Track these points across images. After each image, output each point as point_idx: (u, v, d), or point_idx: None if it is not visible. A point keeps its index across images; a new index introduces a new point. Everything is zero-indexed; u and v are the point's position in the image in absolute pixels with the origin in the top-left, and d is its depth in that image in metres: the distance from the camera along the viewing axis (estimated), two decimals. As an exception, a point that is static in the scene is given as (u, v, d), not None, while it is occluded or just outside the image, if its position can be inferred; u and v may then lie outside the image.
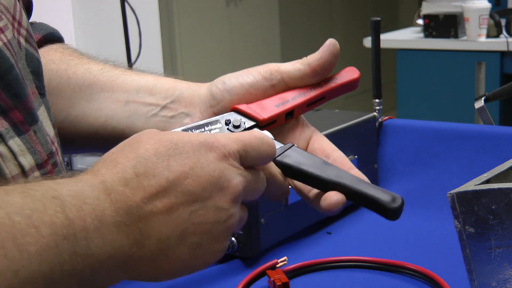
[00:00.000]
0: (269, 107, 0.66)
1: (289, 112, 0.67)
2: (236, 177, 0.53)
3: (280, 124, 0.67)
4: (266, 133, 0.63)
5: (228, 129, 0.65)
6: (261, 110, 0.66)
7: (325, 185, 0.60)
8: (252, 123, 0.65)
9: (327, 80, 0.67)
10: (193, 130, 0.64)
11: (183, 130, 0.63)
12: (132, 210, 0.48)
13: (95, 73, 0.71)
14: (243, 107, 0.66)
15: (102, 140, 0.70)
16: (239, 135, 0.55)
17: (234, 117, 0.65)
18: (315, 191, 0.62)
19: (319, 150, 0.66)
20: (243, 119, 0.65)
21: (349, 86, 0.67)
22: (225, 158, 0.53)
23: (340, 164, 0.64)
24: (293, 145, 0.63)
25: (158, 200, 0.49)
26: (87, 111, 0.70)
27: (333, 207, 0.59)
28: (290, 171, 0.62)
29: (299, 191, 0.65)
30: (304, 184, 0.63)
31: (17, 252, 0.41)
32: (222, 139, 0.53)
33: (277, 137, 0.66)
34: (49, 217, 0.43)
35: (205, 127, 0.64)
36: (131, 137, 0.53)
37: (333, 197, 0.59)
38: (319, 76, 0.66)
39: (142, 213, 0.49)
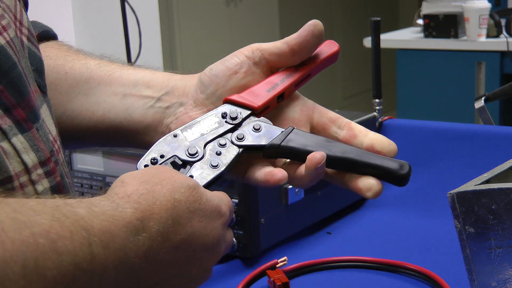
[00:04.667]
0: (261, 93, 0.66)
1: (280, 95, 0.67)
2: (225, 242, 0.59)
3: (273, 108, 0.68)
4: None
5: (226, 121, 0.65)
6: (254, 97, 0.66)
7: (332, 162, 0.62)
8: (248, 112, 0.65)
9: (310, 57, 0.68)
10: (192, 128, 0.64)
11: (182, 129, 0.64)
12: (150, 255, 0.51)
13: (92, 67, 0.72)
14: (235, 97, 0.66)
15: (99, 134, 0.71)
16: (228, 199, 0.60)
17: (229, 109, 0.65)
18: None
19: (330, 123, 0.68)
20: (238, 109, 0.65)
21: (331, 59, 0.68)
22: (225, 225, 0.58)
23: (358, 131, 0.67)
24: (293, 128, 0.64)
25: (176, 252, 0.53)
26: (84, 105, 0.70)
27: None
28: (297, 154, 0.63)
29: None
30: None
31: (36, 274, 0.42)
32: (224, 208, 0.58)
33: (276, 118, 0.67)
34: (73, 247, 0.45)
35: (202, 122, 0.65)
36: (162, 171, 0.56)
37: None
38: (299, 56, 0.67)
39: (159, 259, 0.52)
